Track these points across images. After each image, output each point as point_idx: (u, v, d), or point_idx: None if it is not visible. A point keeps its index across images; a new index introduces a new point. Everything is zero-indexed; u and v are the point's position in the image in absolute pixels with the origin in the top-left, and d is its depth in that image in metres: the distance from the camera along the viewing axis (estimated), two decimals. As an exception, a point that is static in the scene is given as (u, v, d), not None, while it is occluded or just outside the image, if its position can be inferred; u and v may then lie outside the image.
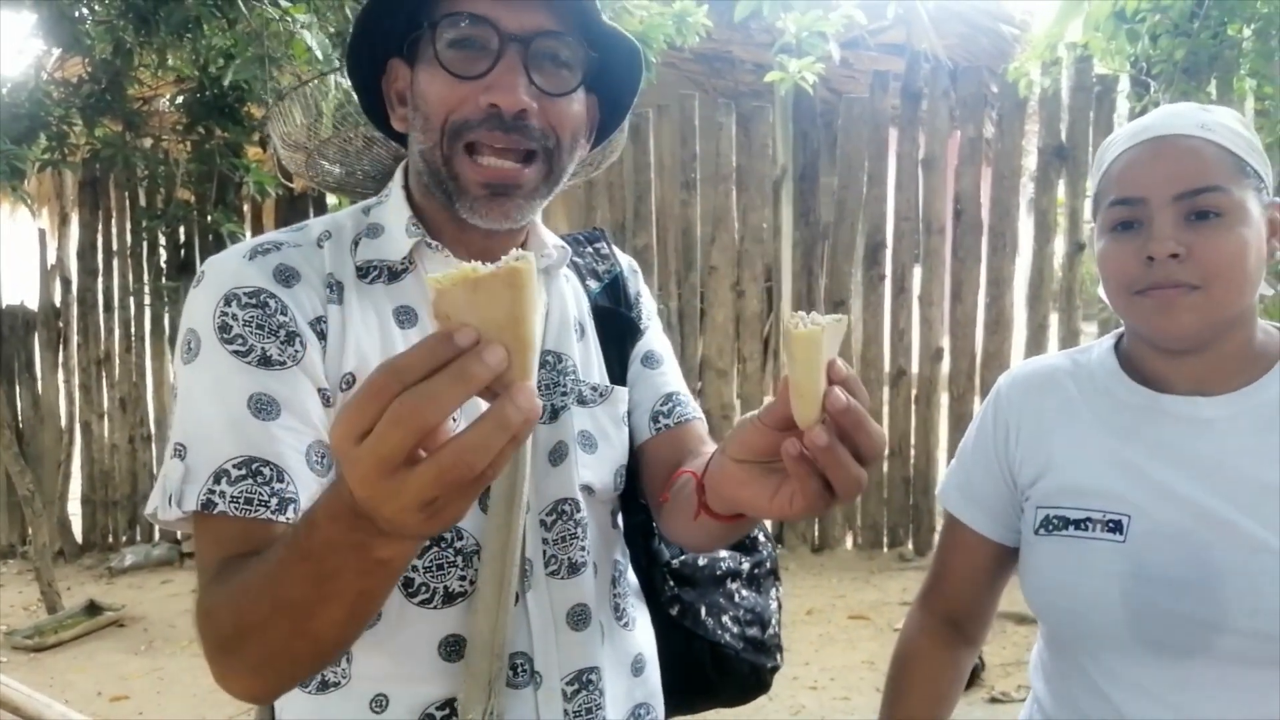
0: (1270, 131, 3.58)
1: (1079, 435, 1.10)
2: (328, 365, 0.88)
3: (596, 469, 1.00)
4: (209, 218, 4.72)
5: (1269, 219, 1.02)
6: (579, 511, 0.98)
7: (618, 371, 1.08)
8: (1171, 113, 1.05)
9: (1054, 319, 4.72)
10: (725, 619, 1.13)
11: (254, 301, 0.85)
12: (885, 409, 4.87)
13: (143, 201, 5.37)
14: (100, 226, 5.49)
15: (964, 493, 1.21)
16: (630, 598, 1.07)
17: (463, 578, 0.91)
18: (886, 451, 4.84)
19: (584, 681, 0.97)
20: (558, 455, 0.97)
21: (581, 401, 1.01)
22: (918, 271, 4.84)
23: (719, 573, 1.16)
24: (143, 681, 3.75)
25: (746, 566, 1.20)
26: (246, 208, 5.32)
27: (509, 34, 0.86)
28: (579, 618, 0.97)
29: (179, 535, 5.38)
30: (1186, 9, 4.14)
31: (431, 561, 0.90)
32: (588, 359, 1.05)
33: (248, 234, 5.16)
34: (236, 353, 0.83)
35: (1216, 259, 0.97)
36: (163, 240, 5.35)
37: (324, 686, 0.92)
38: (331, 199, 4.75)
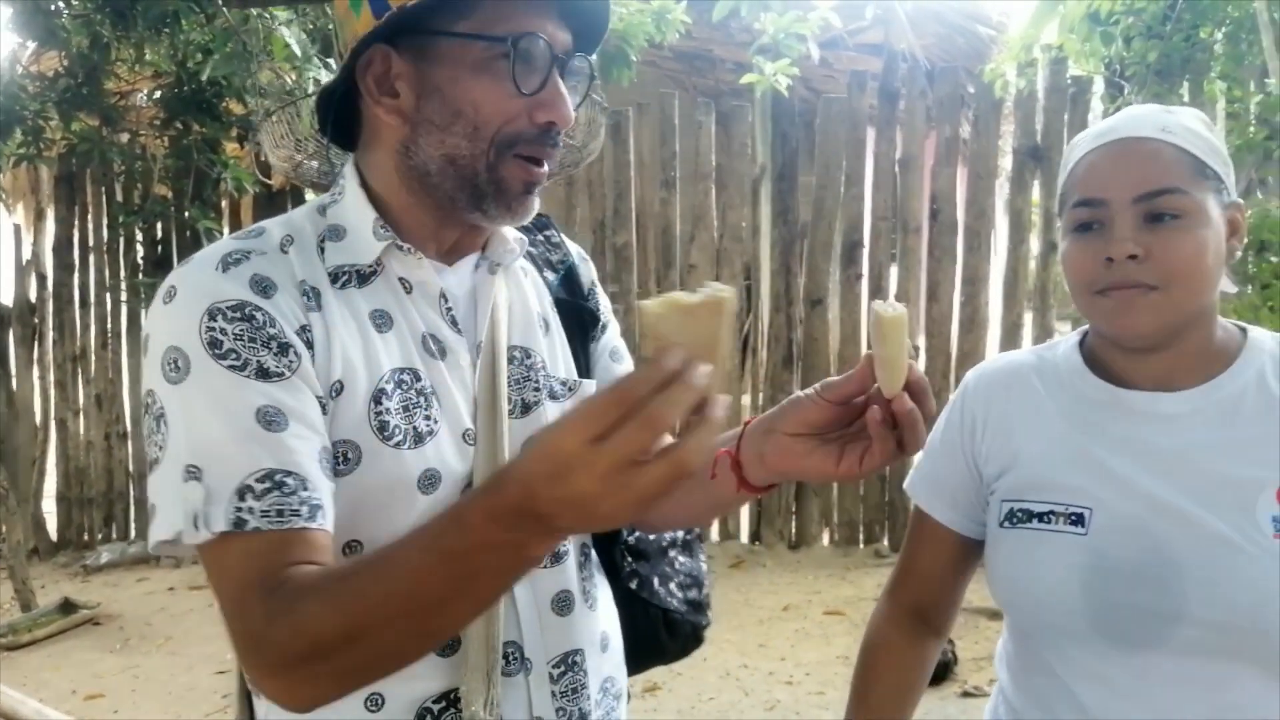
0: (1240, 134, 3.63)
1: (1043, 430, 1.12)
2: (318, 372, 0.87)
3: None
4: (186, 214, 4.69)
5: (1229, 219, 1.03)
6: None
7: (583, 364, 1.11)
8: (1134, 115, 1.06)
9: (1028, 317, 4.77)
10: (671, 586, 1.18)
11: (239, 315, 0.84)
12: (862, 407, 4.91)
13: (119, 197, 5.34)
14: (76, 222, 5.45)
15: (931, 486, 1.23)
16: (595, 578, 1.10)
17: None
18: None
19: (569, 664, 1.01)
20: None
21: (553, 396, 1.03)
22: (894, 270, 4.88)
23: (664, 544, 1.21)
24: (118, 680, 3.74)
25: (682, 535, 1.25)
26: (224, 204, 5.29)
27: (555, 54, 0.91)
28: (562, 603, 1.01)
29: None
30: (1159, 12, 4.20)
31: None
32: (554, 353, 1.07)
33: (226, 230, 5.14)
34: (233, 367, 0.82)
35: (1175, 260, 0.99)
36: (139, 236, 5.31)
37: None
38: (311, 195, 4.74)
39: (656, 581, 1.16)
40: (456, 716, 0.92)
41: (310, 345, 0.87)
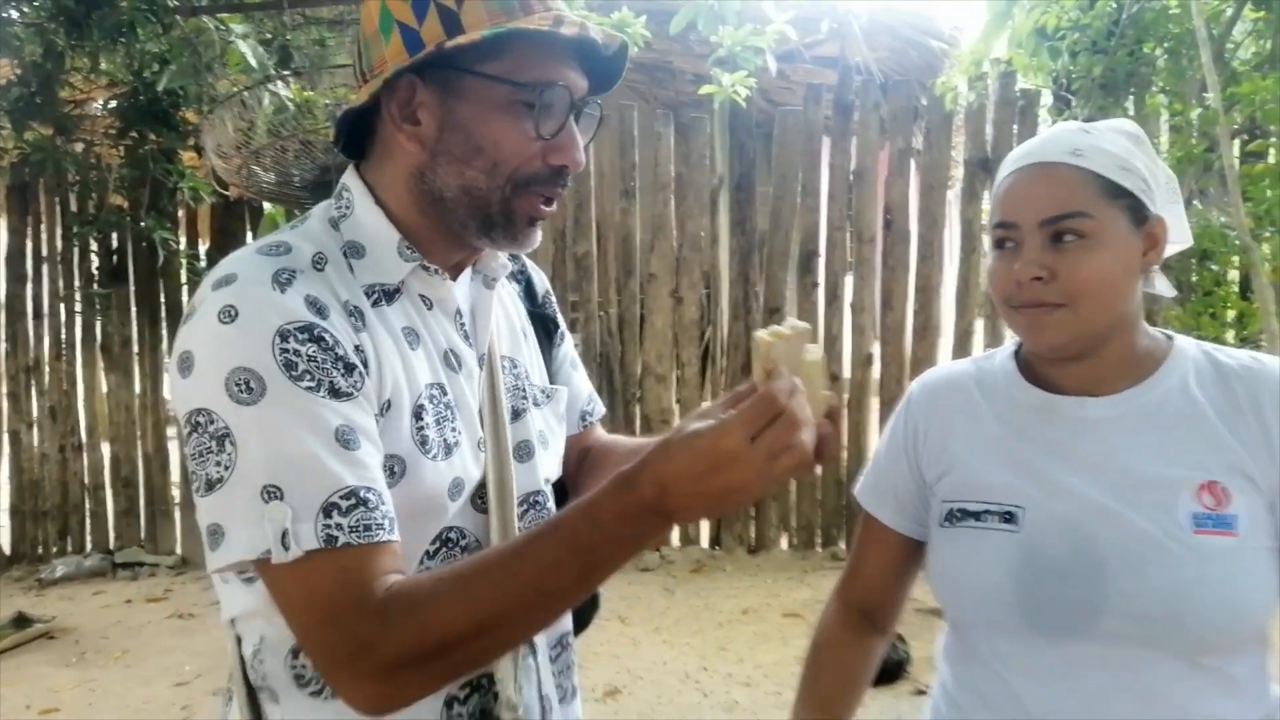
0: (1182, 146, 3.74)
1: (980, 435, 1.17)
2: (375, 393, 0.90)
3: (552, 463, 1.12)
4: (142, 224, 4.65)
5: (1147, 234, 1.07)
6: (547, 501, 1.09)
7: (550, 371, 1.19)
8: (1049, 138, 1.11)
9: (980, 325, 4.86)
10: None
11: (309, 336, 0.85)
12: (820, 413, 4.97)
13: (74, 207, 5.27)
14: (30, 232, 5.37)
15: (878, 491, 1.28)
16: None
17: None
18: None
19: (562, 645, 1.11)
20: (524, 453, 1.06)
21: (535, 403, 1.10)
22: (850, 280, 4.96)
23: None
24: (73, 694, 3.69)
25: None
26: (181, 214, 5.25)
27: (573, 101, 0.96)
28: None
29: (111, 546, 5.29)
30: (1104, 28, 4.31)
31: (442, 560, 0.97)
32: (532, 362, 1.14)
33: (182, 241, 5.10)
34: (309, 389, 0.84)
35: (1078, 280, 1.03)
36: (94, 247, 5.25)
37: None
38: (269, 205, 4.72)
39: None
40: (480, 701, 0.99)
41: (365, 365, 0.90)
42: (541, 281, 1.25)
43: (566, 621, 1.13)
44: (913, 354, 4.86)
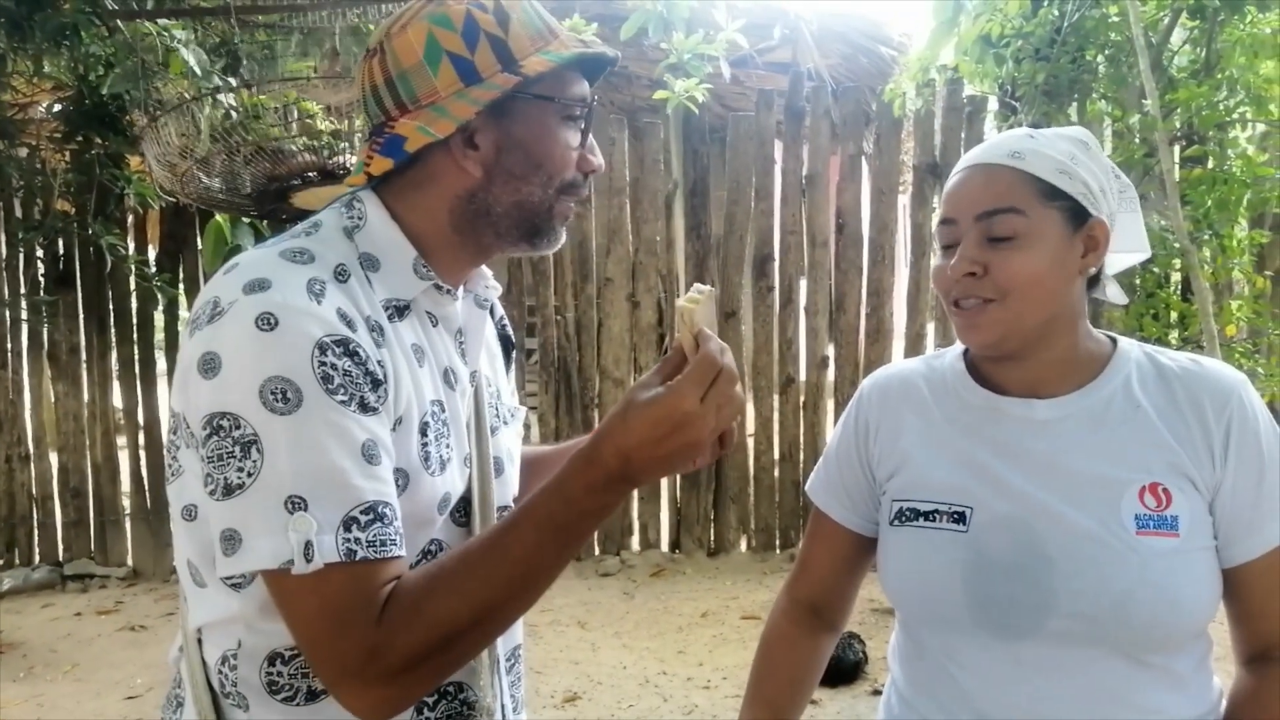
0: (1124, 151, 3.83)
1: (930, 434, 1.18)
2: (392, 408, 0.93)
3: (516, 478, 1.17)
4: (89, 230, 4.57)
5: (1086, 236, 1.10)
6: None
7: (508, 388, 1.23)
8: (994, 142, 1.14)
9: (931, 327, 4.94)
10: None
11: (345, 350, 0.87)
12: (775, 415, 5.02)
13: (18, 213, 5.16)
14: (-28, 238, 5.25)
15: (828, 487, 1.29)
16: None
17: None
18: (777, 456, 5.01)
19: (515, 656, 1.14)
20: (498, 469, 1.10)
21: (505, 421, 1.15)
22: (803, 283, 5.01)
23: None
24: (21, 709, 3.61)
25: None
26: (129, 220, 5.16)
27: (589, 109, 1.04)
28: None
29: (60, 558, 5.19)
30: (1047, 35, 4.39)
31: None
32: (502, 381, 1.20)
33: (130, 247, 5.02)
34: (342, 403, 0.86)
35: (1010, 275, 1.07)
36: (40, 253, 5.14)
37: (312, 696, 0.96)
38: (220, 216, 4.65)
39: None
40: (447, 707, 1.01)
41: (386, 379, 0.92)
42: (499, 305, 1.28)
43: (517, 634, 1.15)
44: (866, 356, 4.92)
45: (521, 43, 0.99)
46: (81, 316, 5.18)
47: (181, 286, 5.07)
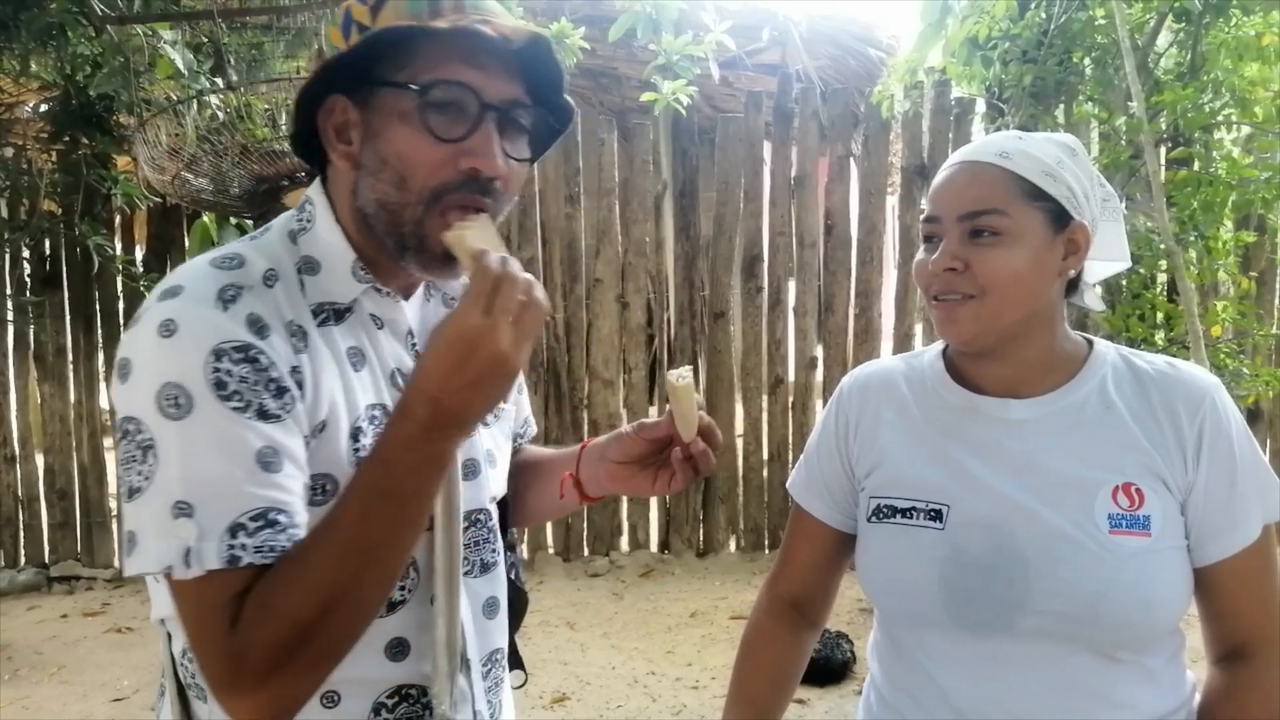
0: (1109, 153, 3.85)
1: (908, 432, 1.20)
2: (306, 414, 0.90)
3: (498, 481, 1.13)
4: (76, 230, 4.55)
5: (1067, 239, 1.11)
6: (490, 520, 1.10)
7: None
8: (984, 141, 1.15)
9: (919, 328, 4.95)
10: (519, 568, 1.27)
11: (244, 357, 0.86)
12: (764, 416, 5.03)
13: (4, 213, 5.13)
14: (-43, 239, 5.22)
15: (809, 485, 1.30)
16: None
17: (401, 588, 0.98)
18: (766, 457, 5.02)
19: (493, 660, 1.10)
20: (471, 471, 1.07)
21: (484, 422, 1.11)
22: (792, 284, 5.02)
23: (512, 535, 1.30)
24: (8, 711, 3.59)
25: None
26: (116, 220, 5.14)
27: (488, 103, 0.93)
28: (491, 608, 1.09)
29: (46, 560, 5.16)
30: (1034, 38, 4.41)
31: None
32: None
33: (117, 247, 5.00)
34: (236, 409, 0.84)
35: (989, 273, 1.08)
36: (26, 253, 5.11)
37: None
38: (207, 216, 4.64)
39: (519, 567, 1.25)
40: (408, 710, 0.99)
41: (300, 386, 0.90)
42: None
43: (498, 637, 1.11)
44: (854, 357, 4.93)
45: (387, 19, 0.92)
46: (68, 317, 5.16)
47: (169, 287, 5.04)
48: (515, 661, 1.24)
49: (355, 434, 0.94)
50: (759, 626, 1.35)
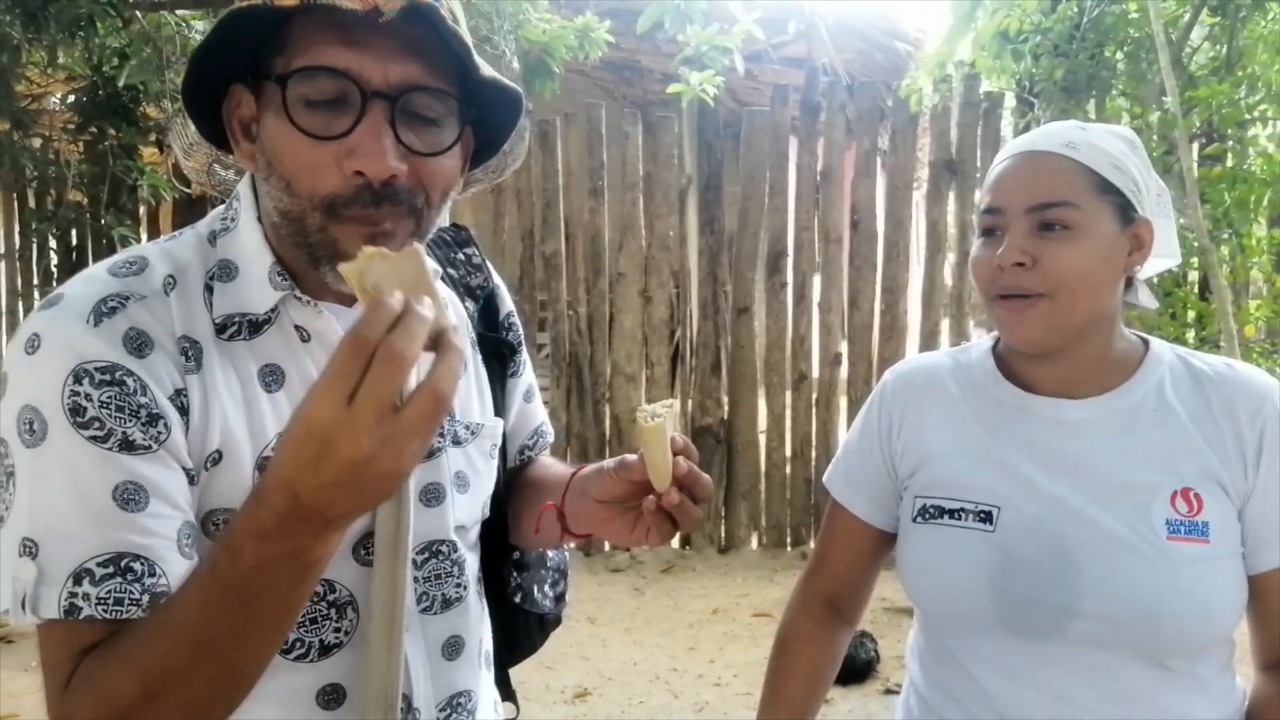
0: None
1: (956, 430, 1.16)
2: (191, 443, 0.80)
3: (469, 507, 1.00)
4: (102, 220, 4.58)
5: (1133, 234, 1.08)
6: (455, 551, 0.98)
7: (499, 401, 1.08)
8: (1045, 130, 1.11)
9: (945, 325, 4.90)
10: (545, 588, 1.17)
11: (108, 379, 0.75)
12: (788, 412, 5.00)
13: (32, 203, 5.18)
14: (-15, 229, 5.28)
15: (848, 480, 1.26)
16: (485, 612, 1.08)
17: (337, 629, 0.88)
18: (789, 454, 5.00)
19: (454, 705, 0.97)
20: (432, 497, 0.95)
21: (456, 442, 0.98)
22: (817, 279, 4.98)
23: (540, 550, 1.19)
24: (34, 698, 3.61)
25: None
26: (142, 210, 5.17)
27: (373, 90, 0.79)
28: (453, 648, 0.98)
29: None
30: (1065, 31, 4.37)
31: (304, 616, 0.86)
32: (468, 396, 1.02)
33: (143, 238, 5.03)
34: (95, 438, 0.75)
35: (1061, 269, 1.04)
36: (53, 243, 5.16)
37: None
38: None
39: (535, 589, 1.16)
40: None
41: (185, 411, 0.80)
42: (505, 302, 1.13)
43: (464, 678, 0.99)
44: (879, 353, 4.89)
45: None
46: (94, 307, 5.20)
47: (194, 278, 5.08)
48: (507, 693, 1.14)
49: (262, 465, 0.83)
50: (794, 624, 1.32)
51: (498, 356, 1.09)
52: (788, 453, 5.01)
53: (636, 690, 3.56)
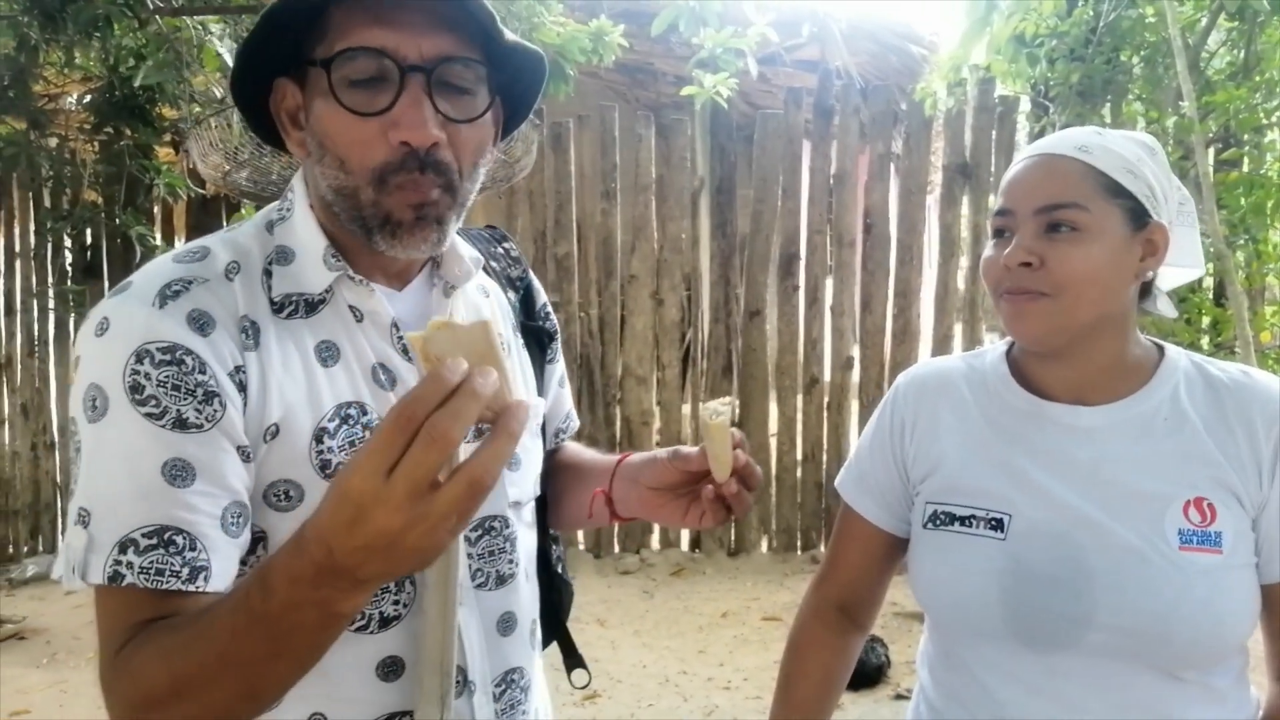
0: (1157, 154, 3.77)
1: (969, 436, 1.15)
2: (249, 419, 0.84)
3: (520, 484, 1.04)
4: (117, 220, 4.60)
5: (1145, 239, 1.07)
6: (508, 527, 1.01)
7: (539, 386, 1.14)
8: (1061, 135, 1.11)
9: (958, 329, 4.88)
10: (564, 561, 1.23)
11: (169, 359, 0.80)
12: (799, 416, 4.98)
13: (47, 202, 5.20)
14: (2, 228, 5.29)
15: (860, 484, 1.26)
16: (536, 591, 1.12)
17: (396, 602, 0.92)
18: (799, 457, 4.98)
19: (509, 681, 1.01)
20: None
21: None
22: (830, 283, 4.97)
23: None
24: (45, 695, 3.64)
25: None
26: (157, 210, 5.19)
27: (409, 64, 0.84)
28: (506, 624, 1.01)
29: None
30: (1081, 36, 4.35)
31: None
32: (514, 379, 1.06)
33: (158, 237, 5.05)
34: (150, 415, 0.79)
35: (1066, 270, 1.03)
36: (68, 243, 5.18)
37: None
38: (246, 204, 4.67)
39: (563, 561, 1.21)
40: None
41: (243, 388, 0.84)
42: (540, 294, 1.20)
43: (517, 655, 1.02)
44: (892, 357, 4.88)
45: None
46: (109, 306, 5.22)
47: (208, 278, 5.09)
48: (574, 660, 1.19)
49: (320, 435, 0.87)
50: (806, 630, 1.32)
51: (537, 343, 1.15)
52: (798, 456, 5.00)
53: (646, 692, 3.56)
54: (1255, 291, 4.28)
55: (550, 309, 1.21)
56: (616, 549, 5.12)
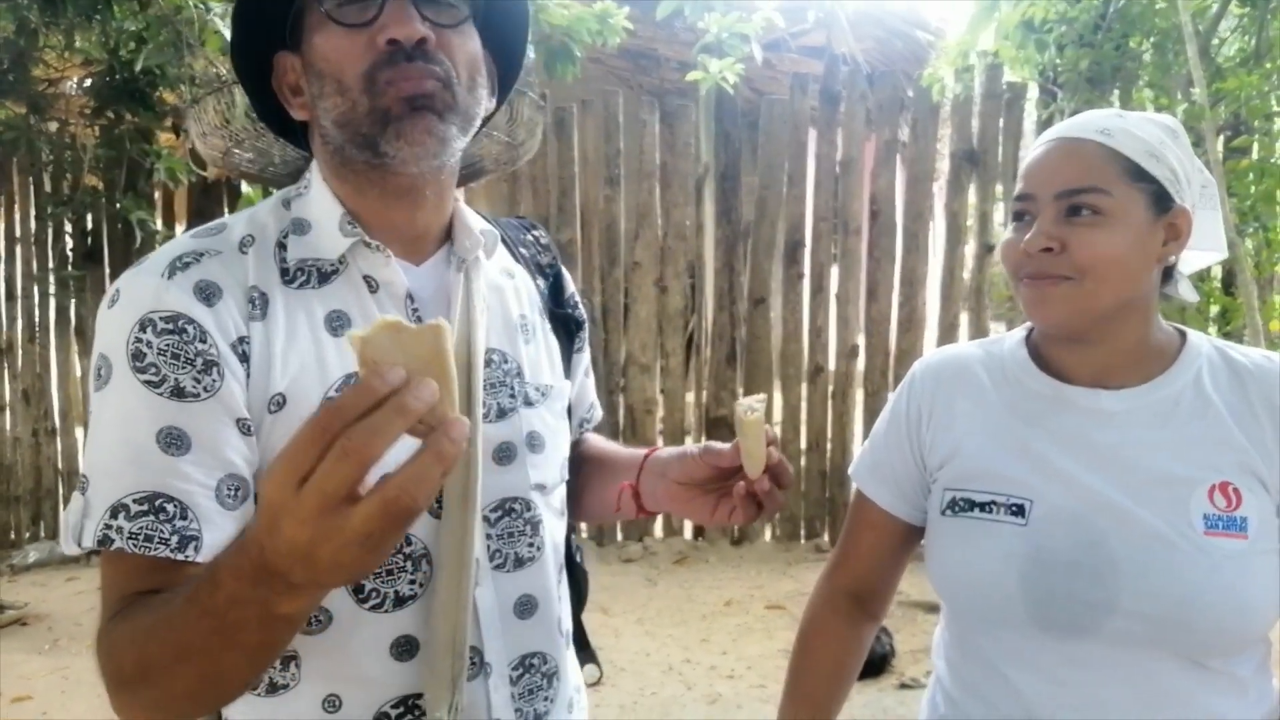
0: (1165, 141, 3.74)
1: (987, 421, 1.14)
2: (251, 390, 0.85)
3: (545, 468, 1.03)
4: (118, 205, 4.57)
5: (1168, 223, 1.05)
6: (529, 510, 1.01)
7: (566, 372, 1.13)
8: (1082, 118, 1.10)
9: (964, 318, 4.86)
10: (582, 548, 1.23)
11: (171, 328, 0.82)
12: (803, 404, 4.97)
13: (48, 187, 5.18)
14: (2, 213, 5.27)
15: (875, 472, 1.25)
16: (563, 575, 1.12)
17: (412, 581, 0.91)
18: (804, 446, 4.97)
19: (528, 665, 1.00)
20: (505, 456, 0.98)
21: (528, 403, 1.02)
22: (835, 270, 4.94)
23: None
24: (46, 681, 3.63)
25: None
26: (158, 195, 5.17)
27: None
28: (525, 607, 1.00)
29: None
30: (1090, 21, 4.31)
31: (382, 567, 0.89)
32: (537, 361, 1.06)
33: (158, 222, 5.03)
34: (149, 383, 0.81)
35: (1087, 254, 1.02)
36: (68, 227, 5.16)
37: (273, 689, 0.91)
38: (247, 187, 4.65)
39: (582, 548, 1.21)
40: (413, 718, 0.91)
41: (246, 359, 0.85)
42: (569, 283, 1.20)
43: (538, 640, 1.01)
44: (897, 345, 4.86)
45: None
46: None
47: (209, 264, 5.08)
48: (586, 654, 1.18)
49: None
50: (817, 619, 1.30)
51: (565, 331, 1.15)
52: (803, 445, 4.98)
53: (649, 681, 3.55)
54: (1265, 280, 4.25)
55: (578, 298, 1.20)
56: (619, 537, 5.11)
